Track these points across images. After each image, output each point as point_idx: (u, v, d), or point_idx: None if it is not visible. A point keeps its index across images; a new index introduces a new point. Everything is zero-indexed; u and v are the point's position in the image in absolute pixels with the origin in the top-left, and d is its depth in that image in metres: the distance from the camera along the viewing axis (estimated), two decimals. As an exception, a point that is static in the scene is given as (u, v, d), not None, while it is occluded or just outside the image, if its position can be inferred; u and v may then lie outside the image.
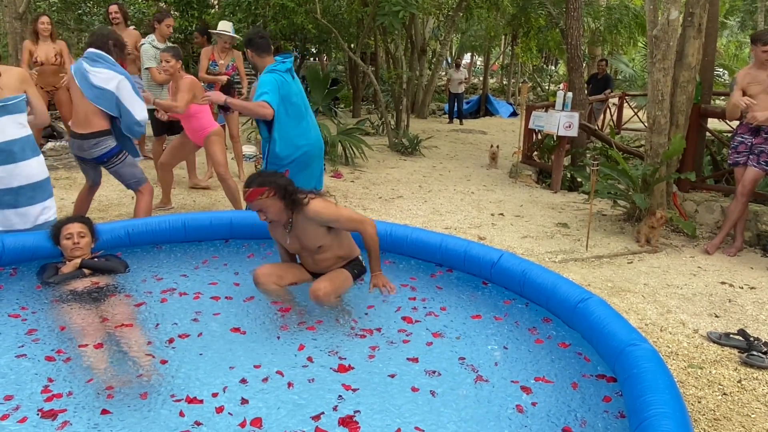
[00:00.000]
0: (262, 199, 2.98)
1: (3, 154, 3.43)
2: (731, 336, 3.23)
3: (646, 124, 6.06)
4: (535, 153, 8.69)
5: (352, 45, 12.74)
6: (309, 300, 3.16)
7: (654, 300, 3.80)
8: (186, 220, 4.04)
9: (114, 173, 4.27)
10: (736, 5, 20.91)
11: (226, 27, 6.42)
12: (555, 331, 2.98)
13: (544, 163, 8.41)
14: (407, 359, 2.68)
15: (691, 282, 4.15)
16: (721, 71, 17.35)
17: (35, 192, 3.62)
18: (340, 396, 2.39)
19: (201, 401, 2.33)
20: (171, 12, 8.58)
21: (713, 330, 3.36)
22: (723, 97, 11.51)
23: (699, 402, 2.66)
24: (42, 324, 2.88)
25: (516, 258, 3.44)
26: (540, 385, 2.51)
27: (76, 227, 3.40)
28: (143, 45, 6.11)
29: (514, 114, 17.31)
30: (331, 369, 2.58)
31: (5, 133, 3.41)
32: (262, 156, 7.28)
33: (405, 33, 14.23)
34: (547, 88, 22.81)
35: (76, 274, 3.30)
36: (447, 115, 15.79)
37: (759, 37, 4.56)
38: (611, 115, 13.11)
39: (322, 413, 2.27)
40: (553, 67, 28.89)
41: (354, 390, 2.43)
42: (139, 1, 12.04)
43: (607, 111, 12.77)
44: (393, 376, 2.55)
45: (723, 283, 4.14)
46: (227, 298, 3.26)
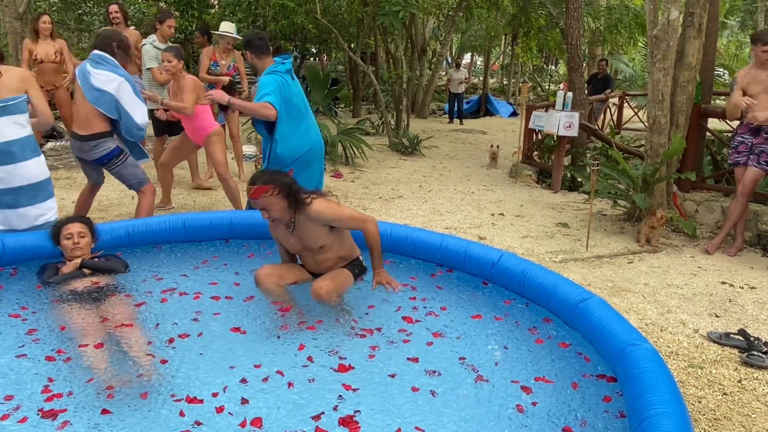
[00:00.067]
0: (266, 197, 2.97)
1: (2, 154, 3.43)
2: (731, 336, 3.23)
3: (646, 124, 6.06)
4: (536, 153, 8.69)
5: (352, 45, 12.74)
6: (309, 300, 3.16)
7: (654, 300, 3.80)
8: (186, 220, 4.04)
9: (115, 174, 4.27)
10: (736, 5, 20.91)
11: (228, 28, 6.43)
12: (555, 331, 2.98)
13: (544, 163, 8.41)
14: (407, 359, 2.68)
15: (692, 282, 4.15)
16: (722, 71, 17.34)
17: (35, 192, 3.62)
18: (340, 396, 2.39)
19: (201, 401, 2.33)
20: (171, 12, 8.57)
21: (713, 330, 3.36)
22: (723, 97, 11.50)
23: (699, 402, 2.66)
24: (42, 324, 2.88)
25: (516, 258, 3.44)
26: (540, 385, 2.51)
27: (76, 227, 3.40)
28: (144, 45, 6.11)
29: (514, 114, 17.31)
30: (332, 369, 2.58)
31: (4, 134, 3.41)
32: (262, 156, 7.33)
33: (405, 33, 14.23)
34: (548, 87, 22.80)
35: (76, 274, 3.30)
36: (447, 115, 15.79)
37: (759, 37, 4.55)
38: (611, 115, 13.11)
39: (322, 413, 2.27)
40: (554, 67, 28.90)
41: (354, 390, 2.43)
42: (140, 1, 12.05)
43: (608, 111, 12.78)
44: (393, 375, 2.55)
45: (723, 283, 4.14)
46: (227, 297, 3.26)
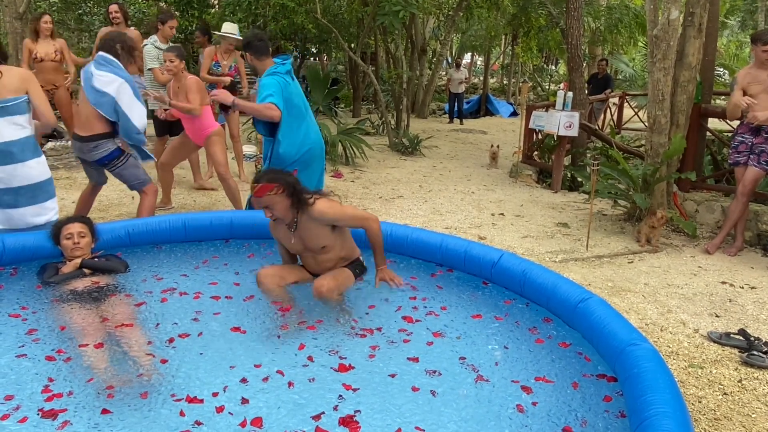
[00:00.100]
0: (270, 195, 2.98)
1: (2, 154, 3.43)
2: (732, 336, 3.23)
3: (646, 123, 6.06)
4: (536, 153, 8.69)
5: (352, 45, 12.75)
6: (310, 300, 3.16)
7: (654, 300, 3.80)
8: (186, 220, 4.04)
9: (117, 175, 4.27)
10: (736, 5, 20.90)
11: (231, 29, 6.44)
12: (555, 331, 2.98)
13: (544, 163, 8.40)
14: (408, 359, 2.68)
15: (692, 282, 4.15)
16: (722, 71, 17.33)
17: (35, 193, 3.62)
18: (340, 396, 2.39)
19: (201, 401, 2.33)
20: (171, 12, 8.56)
21: (714, 330, 3.36)
22: (723, 97, 11.50)
23: (699, 402, 2.66)
24: (42, 324, 2.88)
25: (516, 258, 3.44)
26: (540, 385, 2.51)
27: (76, 227, 3.40)
28: (146, 46, 6.11)
29: (514, 114, 17.31)
30: (332, 368, 2.58)
31: (3, 135, 3.41)
32: (262, 156, 7.32)
33: (405, 33, 14.22)
34: (548, 87, 22.81)
35: (76, 274, 3.30)
36: (447, 115, 15.79)
37: (759, 37, 4.55)
38: (611, 115, 13.11)
39: (322, 413, 2.27)
40: (554, 67, 28.90)
41: (354, 390, 2.43)
42: (140, 1, 12.05)
43: (608, 111, 12.78)
44: (393, 375, 2.55)
45: (723, 283, 4.14)
46: (227, 297, 3.26)
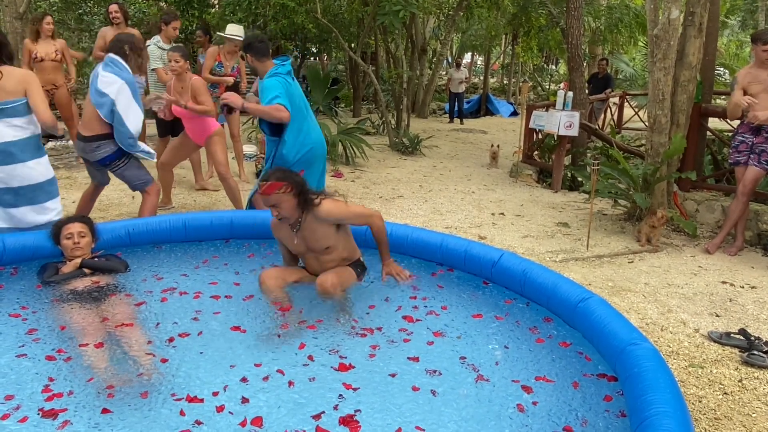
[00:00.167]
0: (279, 194, 2.99)
1: (2, 154, 3.44)
2: (732, 335, 3.23)
3: (646, 123, 6.06)
4: (536, 152, 8.69)
5: (352, 44, 12.75)
6: (310, 299, 3.16)
7: (655, 299, 3.80)
8: (186, 219, 4.04)
9: (119, 176, 4.27)
10: (736, 4, 20.87)
11: (236, 31, 6.45)
12: (556, 331, 2.98)
13: (544, 163, 8.40)
14: (408, 358, 2.68)
15: (692, 281, 4.15)
16: (722, 70, 17.33)
17: (36, 193, 3.63)
18: (340, 395, 2.38)
19: (201, 400, 2.33)
20: (175, 12, 8.56)
21: (714, 329, 3.36)
22: (724, 97, 11.51)
23: (700, 401, 2.66)
24: (42, 323, 2.88)
25: (516, 257, 3.44)
26: (541, 385, 2.51)
27: (76, 227, 3.40)
28: (149, 46, 6.13)
29: (514, 113, 17.31)
30: (332, 368, 2.58)
31: (2, 135, 3.42)
32: (262, 156, 7.32)
33: (405, 32, 14.22)
34: (548, 87, 22.80)
35: (76, 273, 3.30)
36: (447, 115, 15.78)
37: (759, 37, 4.55)
38: (612, 115, 13.11)
39: (322, 412, 2.26)
40: (554, 67, 28.91)
41: (355, 389, 2.43)
42: (140, 1, 12.04)
43: (608, 110, 12.78)
44: (394, 375, 2.55)
45: (724, 283, 4.14)
46: (227, 297, 3.26)
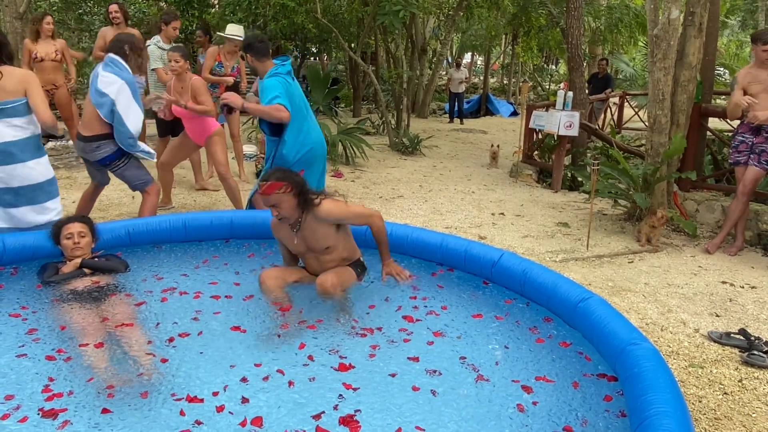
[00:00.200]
0: (278, 194, 3.00)
1: (2, 155, 3.44)
2: (732, 335, 3.23)
3: (646, 123, 6.06)
4: (536, 152, 8.69)
5: (352, 44, 12.75)
6: (310, 299, 3.16)
7: (655, 299, 3.80)
8: (186, 219, 4.04)
9: (119, 176, 4.27)
10: (736, 4, 20.87)
11: (236, 31, 6.45)
12: (556, 331, 2.98)
13: (544, 163, 8.40)
14: (408, 358, 2.68)
15: (692, 281, 4.15)
16: (722, 70, 17.33)
17: (36, 193, 3.63)
18: (340, 395, 2.38)
19: (201, 400, 2.33)
20: (175, 13, 8.56)
21: (714, 329, 3.36)
22: (724, 97, 11.50)
23: (700, 401, 2.66)
24: (42, 323, 2.88)
25: (517, 257, 3.44)
26: (541, 385, 2.51)
27: (76, 227, 3.40)
28: (149, 46, 6.13)
29: (514, 113, 17.31)
30: (332, 368, 2.58)
31: (1, 135, 3.42)
32: (262, 156, 7.32)
33: (405, 32, 14.22)
34: (548, 87, 22.80)
35: (76, 273, 3.30)
36: (447, 115, 15.78)
37: (759, 37, 4.55)
38: (612, 115, 13.11)
39: (322, 412, 2.26)
40: (554, 67, 28.91)
41: (355, 389, 2.43)
42: (140, 1, 12.03)
43: (608, 110, 12.78)
44: (394, 375, 2.55)
45: (724, 283, 4.14)
46: (227, 297, 3.26)
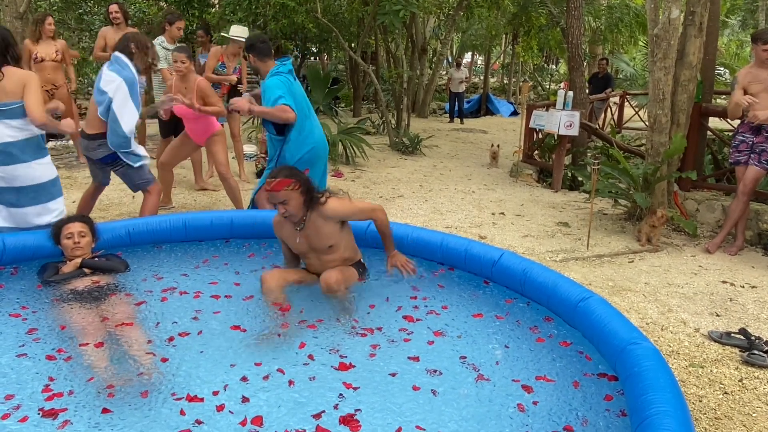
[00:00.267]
0: (288, 190, 3.02)
1: (2, 155, 3.45)
2: (732, 335, 3.23)
3: (647, 123, 6.06)
4: (536, 152, 8.69)
5: (352, 44, 12.74)
6: (311, 299, 3.17)
7: (655, 299, 3.80)
8: (187, 219, 4.04)
9: (121, 175, 4.27)
10: (737, 4, 20.86)
11: (241, 32, 6.45)
12: (556, 330, 2.98)
13: (544, 163, 8.40)
14: (408, 358, 2.68)
15: (692, 281, 4.15)
16: (722, 70, 17.33)
17: (38, 193, 3.64)
18: (341, 394, 2.38)
19: (202, 399, 2.33)
20: (179, 12, 8.56)
21: (714, 329, 3.36)
22: (724, 96, 11.49)
23: (700, 401, 2.66)
24: (43, 323, 2.88)
25: (517, 257, 3.44)
26: (541, 384, 2.51)
27: (76, 227, 3.41)
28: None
29: (514, 113, 17.31)
30: (332, 367, 2.58)
31: (2, 136, 3.42)
32: (262, 156, 7.33)
33: (405, 32, 14.22)
34: (548, 87, 22.81)
35: (76, 273, 3.30)
36: (448, 115, 15.78)
37: (759, 36, 4.55)
38: (612, 114, 13.11)
39: (323, 411, 2.26)
40: (554, 66, 28.91)
41: (355, 388, 2.43)
42: (140, 1, 12.03)
43: (608, 110, 12.77)
44: (394, 374, 2.55)
45: (724, 282, 4.14)
46: (227, 297, 3.26)
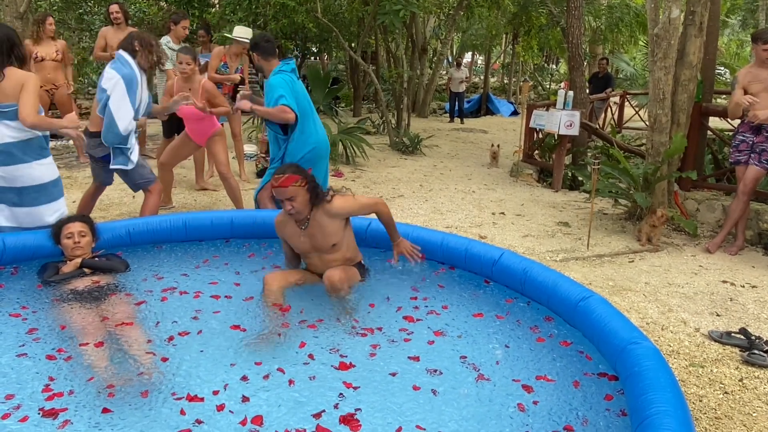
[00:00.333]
0: (296, 186, 3.04)
1: (3, 155, 3.45)
2: (732, 335, 3.23)
3: (647, 122, 6.06)
4: (536, 152, 8.68)
5: (352, 44, 12.74)
6: (311, 299, 3.16)
7: (655, 299, 3.80)
8: (187, 219, 4.04)
9: (121, 175, 4.26)
10: (737, 4, 20.84)
11: (244, 33, 6.46)
12: (556, 330, 2.98)
13: (545, 162, 8.40)
14: (408, 358, 2.68)
15: (693, 281, 4.15)
16: (723, 70, 17.32)
17: (39, 194, 3.64)
18: (341, 394, 2.39)
19: (202, 399, 2.33)
20: (173, 11, 8.55)
21: (714, 329, 3.35)
22: (724, 96, 11.49)
23: (700, 401, 2.66)
24: (43, 323, 2.88)
25: (517, 256, 3.44)
26: (541, 384, 2.51)
27: (76, 227, 3.41)
28: None
29: (515, 113, 17.30)
30: (333, 367, 2.58)
31: (2, 136, 3.42)
32: (263, 155, 7.33)
33: (406, 32, 14.22)
34: (548, 86, 22.80)
35: (76, 273, 3.30)
36: (448, 114, 15.77)
37: (760, 36, 4.55)
38: (612, 114, 13.11)
39: (323, 411, 2.27)
40: (554, 66, 28.90)
41: (355, 388, 2.43)
42: (140, 1, 12.03)
43: (609, 110, 12.77)
44: (394, 374, 2.55)
45: (724, 282, 4.14)
46: (227, 297, 3.26)
